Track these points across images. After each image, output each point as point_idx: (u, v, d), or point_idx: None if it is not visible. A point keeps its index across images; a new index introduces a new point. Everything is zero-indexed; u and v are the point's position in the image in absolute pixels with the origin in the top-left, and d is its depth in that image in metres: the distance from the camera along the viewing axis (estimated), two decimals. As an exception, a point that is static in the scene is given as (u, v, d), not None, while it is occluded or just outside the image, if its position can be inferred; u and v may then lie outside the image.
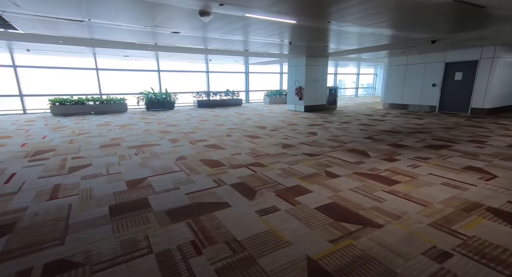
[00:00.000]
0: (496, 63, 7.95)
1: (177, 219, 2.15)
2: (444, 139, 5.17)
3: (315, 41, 6.89)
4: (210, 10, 3.54)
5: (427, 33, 5.83)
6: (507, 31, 5.62)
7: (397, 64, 10.73)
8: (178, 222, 2.11)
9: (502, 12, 3.81)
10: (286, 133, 5.99)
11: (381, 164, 3.68)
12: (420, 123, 7.09)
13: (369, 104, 13.49)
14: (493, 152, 4.18)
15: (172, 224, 2.08)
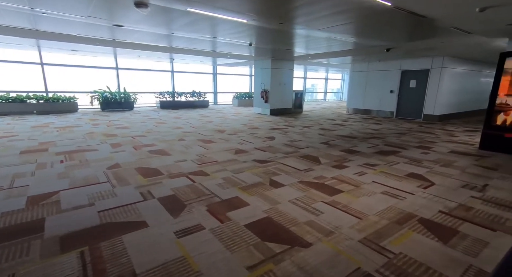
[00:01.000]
0: (444, 73, 8.51)
1: (69, 248, 1.78)
2: (394, 145, 5.31)
3: (276, 43, 6.78)
4: (145, 0, 3.19)
5: (380, 40, 5.99)
6: (450, 43, 5.97)
7: (359, 71, 11.11)
8: (69, 251, 1.74)
9: (443, 23, 3.96)
10: (243, 138, 5.76)
11: (329, 171, 3.59)
12: (377, 129, 7.31)
13: (335, 108, 13.85)
14: (436, 158, 4.33)
15: (60, 255, 1.71)
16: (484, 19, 3.49)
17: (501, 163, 4.05)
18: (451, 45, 6.55)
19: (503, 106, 4.62)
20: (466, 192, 2.94)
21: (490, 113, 4.77)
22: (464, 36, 5.05)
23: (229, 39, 6.21)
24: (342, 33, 5.09)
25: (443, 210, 2.50)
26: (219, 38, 6.14)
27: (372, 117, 10.17)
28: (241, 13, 3.82)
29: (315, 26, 4.62)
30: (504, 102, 4.60)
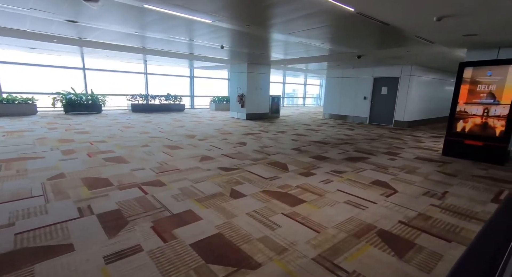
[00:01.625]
0: (412, 81, 8.87)
1: (-39, 282, 1.46)
2: (364, 151, 5.33)
3: (249, 47, 6.67)
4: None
5: (350, 47, 6.08)
6: (416, 52, 6.19)
7: (334, 77, 11.33)
8: (-42, 287, 1.43)
9: (407, 32, 4.04)
10: (214, 143, 5.53)
11: (295, 179, 3.47)
12: (350, 134, 7.39)
13: (313, 113, 14.01)
14: (402, 164, 4.37)
15: None
16: (443, 29, 3.59)
17: (461, 169, 4.16)
18: (417, 54, 6.80)
19: (462, 114, 4.80)
20: (426, 200, 2.93)
21: (451, 121, 4.94)
22: (427, 45, 5.24)
23: (201, 41, 6.00)
24: (312, 38, 5.07)
25: (403, 220, 2.44)
26: (190, 40, 5.91)
27: (347, 122, 10.35)
28: (203, 13, 3.64)
29: (283, 30, 4.55)
30: (463, 110, 4.79)
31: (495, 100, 4.43)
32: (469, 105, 4.71)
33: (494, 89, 4.43)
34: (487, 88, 4.50)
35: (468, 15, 2.86)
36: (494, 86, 4.43)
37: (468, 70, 4.67)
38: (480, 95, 4.58)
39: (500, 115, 4.39)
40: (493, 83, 4.43)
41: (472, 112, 4.69)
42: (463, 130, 4.81)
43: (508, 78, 4.28)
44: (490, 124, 4.51)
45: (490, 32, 3.57)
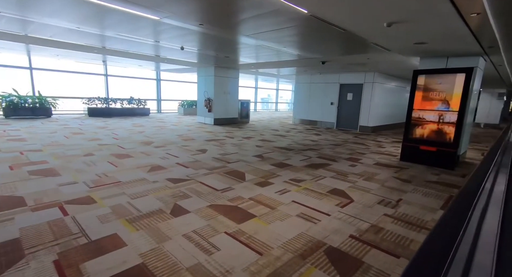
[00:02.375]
0: (375, 88, 9.19)
1: None
2: (327, 157, 5.27)
3: (212, 49, 6.39)
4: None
5: (312, 52, 6.06)
6: (375, 59, 6.36)
7: (303, 82, 11.44)
8: None
9: (363, 39, 4.04)
10: (171, 151, 5.12)
11: (249, 190, 3.21)
12: (315, 140, 7.38)
13: (284, 118, 14.04)
14: (361, 171, 4.34)
15: None
16: (395, 36, 3.62)
17: (416, 175, 4.22)
18: (378, 62, 7.02)
19: (418, 120, 4.94)
20: (380, 209, 2.84)
21: (408, 127, 5.06)
22: (385, 53, 5.37)
23: (163, 42, 5.59)
24: (273, 41, 4.94)
25: (354, 234, 2.29)
26: (147, 39, 5.47)
27: (315, 127, 10.44)
28: (147, 8, 3.30)
29: (241, 32, 4.34)
30: (418, 116, 4.93)
31: (448, 107, 4.60)
32: (424, 112, 4.86)
33: (445, 97, 4.61)
34: (439, 95, 4.67)
35: (415, 22, 2.86)
36: (444, 93, 4.61)
37: (421, 78, 4.83)
38: (434, 102, 4.74)
39: (451, 122, 4.56)
40: (444, 90, 4.61)
41: (428, 118, 4.84)
42: (419, 136, 4.94)
43: (456, 86, 4.47)
44: (443, 130, 4.67)
45: (437, 41, 3.68)
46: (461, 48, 4.11)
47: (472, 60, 4.53)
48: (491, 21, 2.72)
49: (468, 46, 3.87)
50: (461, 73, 4.39)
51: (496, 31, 3.13)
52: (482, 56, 4.49)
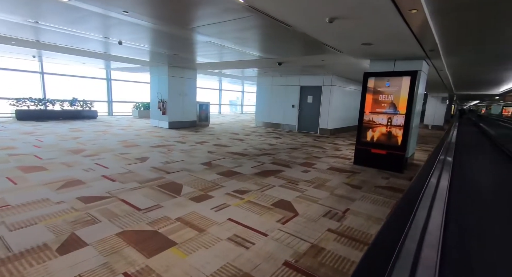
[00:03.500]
0: (333, 90, 9.30)
1: None
2: (281, 162, 4.99)
3: (155, 45, 5.76)
4: None
5: (266, 52, 5.79)
6: (330, 61, 6.30)
7: (264, 84, 11.23)
8: None
9: (311, 37, 3.82)
10: (103, 160, 4.39)
11: (181, 208, 2.73)
12: (274, 144, 7.11)
13: (247, 121, 13.71)
14: (313, 177, 4.11)
15: None
16: (341, 35, 3.45)
17: (366, 180, 4.10)
18: (334, 64, 7.01)
19: (369, 123, 4.90)
20: (325, 222, 2.56)
21: (360, 130, 5.00)
22: (338, 55, 5.28)
23: (93, 34, 4.82)
24: (216, 36, 4.52)
25: (290, 260, 1.94)
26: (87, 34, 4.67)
27: (276, 130, 10.25)
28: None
29: (179, 24, 3.85)
30: (369, 119, 4.89)
31: (396, 110, 4.61)
32: (375, 114, 4.83)
33: (393, 99, 4.61)
34: (387, 98, 4.67)
35: (356, 19, 2.67)
36: (392, 96, 4.61)
37: (371, 80, 4.81)
38: (383, 105, 4.73)
39: (400, 125, 4.57)
40: (392, 93, 4.61)
41: (378, 121, 4.81)
42: (371, 139, 4.90)
43: (402, 89, 4.49)
44: (393, 133, 4.67)
45: (382, 42, 3.60)
46: (405, 51, 4.11)
47: (416, 63, 4.60)
48: (429, 20, 2.62)
49: (411, 48, 3.86)
50: (406, 76, 4.42)
51: (435, 32, 3.09)
52: (425, 59, 4.59)
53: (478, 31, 3.17)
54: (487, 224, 1.95)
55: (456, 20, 2.81)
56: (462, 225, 1.88)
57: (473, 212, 2.28)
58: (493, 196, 3.22)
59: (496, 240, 1.67)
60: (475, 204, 2.64)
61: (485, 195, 3.14)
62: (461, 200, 2.65)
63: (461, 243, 1.52)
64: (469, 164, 5.61)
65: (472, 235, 1.70)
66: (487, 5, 2.38)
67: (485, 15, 2.62)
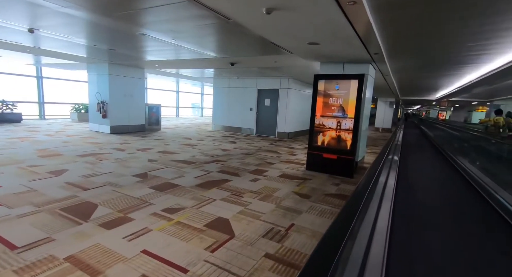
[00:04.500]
0: (290, 94, 9.22)
1: None
2: (231, 170, 4.55)
3: (78, 35, 4.91)
4: None
5: (212, 50, 5.34)
6: (283, 63, 6.10)
7: (221, 86, 10.75)
8: None
9: (258, 34, 3.49)
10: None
11: (81, 239, 2.10)
12: (228, 149, 6.66)
13: (206, 125, 13.04)
14: (262, 187, 3.75)
15: None
16: (284, 31, 3.18)
17: (317, 187, 3.88)
18: (289, 67, 6.86)
19: (320, 127, 4.75)
20: (263, 245, 2.18)
21: (312, 134, 4.83)
22: (289, 56, 5.07)
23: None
24: (149, 29, 3.94)
25: (207, 307, 1.49)
26: None
27: (234, 134, 9.83)
28: None
29: (100, 9, 3.20)
30: (321, 123, 4.74)
31: (345, 114, 4.52)
32: (325, 118, 4.69)
33: (342, 103, 4.52)
34: (337, 101, 4.56)
35: (294, 10, 2.38)
36: (341, 99, 4.52)
37: (322, 83, 4.67)
38: (333, 108, 4.62)
39: (349, 128, 4.49)
40: (341, 97, 4.52)
41: (328, 125, 4.68)
42: (322, 143, 4.75)
43: (351, 93, 4.42)
44: (342, 137, 4.57)
45: (327, 42, 3.44)
46: (352, 54, 4.03)
47: (363, 67, 4.59)
48: (370, 18, 2.45)
49: (357, 50, 3.77)
50: (354, 79, 4.36)
51: (377, 33, 2.98)
52: (371, 63, 4.61)
53: (415, 35, 3.16)
54: (428, 215, 2.48)
55: (395, 21, 2.71)
56: (406, 215, 2.34)
57: (416, 204, 2.79)
58: (432, 190, 3.67)
59: (435, 227, 2.19)
60: (418, 196, 3.16)
61: (425, 189, 3.60)
62: (406, 193, 3.10)
63: (406, 229, 1.93)
64: (412, 162, 5.93)
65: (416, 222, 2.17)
66: (420, 5, 2.27)
67: (419, 18, 2.55)
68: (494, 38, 3.17)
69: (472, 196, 3.14)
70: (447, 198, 3.26)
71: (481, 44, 3.45)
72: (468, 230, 2.26)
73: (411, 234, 1.98)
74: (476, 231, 2.24)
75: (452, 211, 2.71)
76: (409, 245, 1.79)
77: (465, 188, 3.50)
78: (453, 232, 2.19)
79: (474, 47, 3.61)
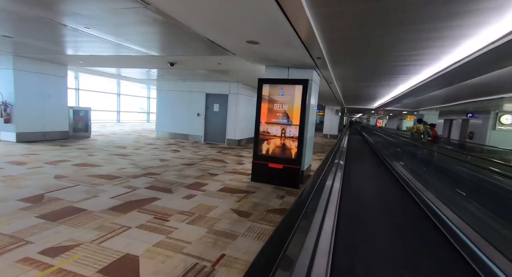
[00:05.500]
0: (240, 99, 8.87)
1: None
2: (162, 186, 3.87)
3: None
4: None
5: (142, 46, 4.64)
6: (228, 65, 5.70)
7: (166, 89, 9.85)
8: None
9: (186, 25, 2.97)
10: None
11: None
12: (167, 159, 5.89)
13: (149, 131, 11.80)
14: (196, 205, 3.19)
15: None
16: (215, 23, 2.75)
17: (259, 202, 3.49)
18: (236, 71, 6.49)
19: (265, 135, 4.42)
20: (176, 295, 1.63)
21: (256, 142, 4.47)
22: (233, 57, 4.68)
23: None
24: (55, 12, 3.11)
25: None
26: None
27: (180, 142, 8.99)
28: None
29: None
30: (265, 130, 4.42)
31: (289, 121, 4.28)
32: (270, 125, 4.39)
33: (287, 109, 4.28)
34: (281, 107, 4.31)
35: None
36: (286, 106, 4.28)
37: (266, 88, 4.38)
38: (278, 115, 4.34)
39: (294, 136, 4.25)
40: (286, 102, 4.28)
41: (272, 133, 4.38)
42: (267, 152, 4.42)
43: (295, 99, 4.22)
44: (287, 145, 4.31)
45: (266, 41, 3.14)
46: (296, 57, 3.83)
47: (308, 72, 4.45)
48: (307, 12, 2.18)
49: (300, 53, 3.56)
50: (299, 84, 4.17)
51: (316, 31, 2.76)
52: (315, 69, 4.50)
53: (352, 39, 3.07)
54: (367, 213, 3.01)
55: (333, 18, 2.52)
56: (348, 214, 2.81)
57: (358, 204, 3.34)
58: (372, 191, 4.29)
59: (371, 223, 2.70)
60: (360, 197, 3.75)
61: (366, 191, 4.20)
62: (349, 195, 3.70)
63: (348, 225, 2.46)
64: (355, 166, 6.18)
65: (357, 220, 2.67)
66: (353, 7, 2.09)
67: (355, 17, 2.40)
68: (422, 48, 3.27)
69: (400, 191, 4.21)
70: (382, 195, 4.06)
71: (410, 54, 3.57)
72: (396, 222, 2.98)
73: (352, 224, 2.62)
74: (402, 223, 2.95)
75: (386, 207, 3.50)
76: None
77: (394, 184, 4.58)
78: (386, 223, 2.86)
79: (404, 57, 3.73)
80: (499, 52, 2.92)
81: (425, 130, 8.36)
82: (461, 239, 2.26)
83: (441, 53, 3.40)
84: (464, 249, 2.16)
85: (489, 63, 3.59)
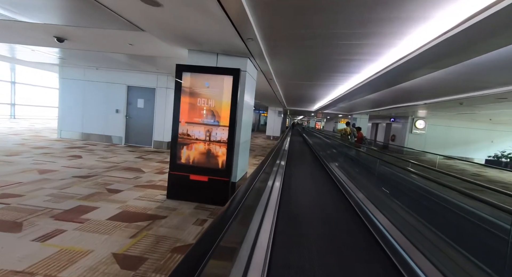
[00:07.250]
0: (170, 94, 7.54)
1: None
2: (9, 218, 2.46)
3: None
4: None
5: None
6: (141, 47, 4.44)
7: (73, 79, 7.77)
8: None
9: None
10: None
11: None
12: (54, 169, 4.26)
13: (52, 131, 9.28)
14: (49, 254, 1.97)
15: None
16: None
17: (168, 233, 2.47)
18: (162, 59, 5.27)
19: (185, 138, 3.41)
20: None
21: (174, 148, 3.42)
22: (146, 36, 3.51)
23: None
24: None
25: None
26: None
27: (91, 144, 7.13)
28: None
29: None
30: (186, 132, 3.40)
31: (215, 120, 3.37)
32: (191, 126, 3.40)
33: (214, 105, 3.37)
34: (207, 103, 3.37)
35: None
36: (213, 101, 3.36)
37: (187, 77, 3.37)
38: (202, 113, 3.39)
39: (221, 140, 3.36)
40: (212, 97, 3.36)
41: (195, 136, 3.39)
42: (187, 160, 3.41)
43: (224, 92, 3.34)
44: (214, 152, 3.39)
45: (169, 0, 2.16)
46: (222, 39, 2.94)
47: (240, 61, 3.62)
48: None
49: (224, 29, 2.69)
50: (228, 75, 3.30)
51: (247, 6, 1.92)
52: (249, 58, 3.71)
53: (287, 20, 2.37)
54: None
55: None
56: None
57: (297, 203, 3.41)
58: (309, 191, 4.41)
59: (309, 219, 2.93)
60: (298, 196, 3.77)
61: (304, 191, 4.32)
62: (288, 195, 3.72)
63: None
64: (295, 166, 5.88)
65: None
66: None
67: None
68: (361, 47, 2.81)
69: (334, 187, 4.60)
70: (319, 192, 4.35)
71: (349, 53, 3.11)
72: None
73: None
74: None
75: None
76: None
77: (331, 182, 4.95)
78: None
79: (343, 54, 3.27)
80: (421, 57, 2.63)
81: (352, 132, 9.44)
82: (377, 227, 2.65)
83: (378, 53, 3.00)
84: (379, 234, 2.53)
85: (409, 70, 3.45)
